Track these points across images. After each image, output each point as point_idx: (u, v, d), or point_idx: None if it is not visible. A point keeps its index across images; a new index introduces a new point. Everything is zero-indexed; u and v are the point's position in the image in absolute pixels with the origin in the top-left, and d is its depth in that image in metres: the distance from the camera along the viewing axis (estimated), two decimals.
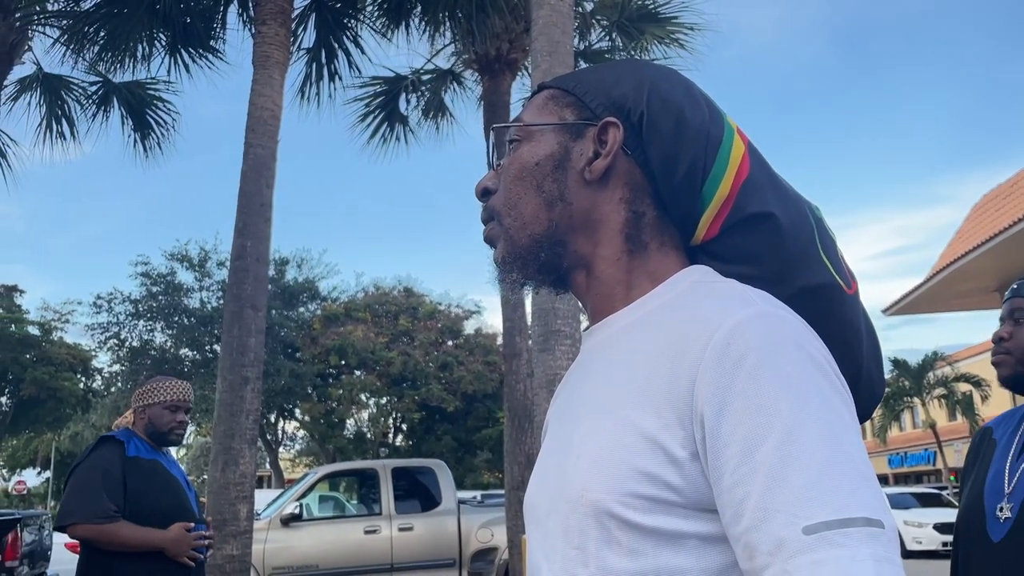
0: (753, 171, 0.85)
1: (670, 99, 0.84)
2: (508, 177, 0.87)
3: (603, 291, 0.85)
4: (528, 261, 0.85)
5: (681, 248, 0.86)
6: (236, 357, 6.27)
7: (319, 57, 8.99)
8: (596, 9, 9.75)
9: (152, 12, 8.09)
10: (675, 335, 0.74)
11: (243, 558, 6.00)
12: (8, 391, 26.59)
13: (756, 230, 0.83)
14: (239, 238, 6.55)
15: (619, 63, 0.90)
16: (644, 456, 0.70)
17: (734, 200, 0.83)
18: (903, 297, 16.22)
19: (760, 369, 0.67)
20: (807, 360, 0.68)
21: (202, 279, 23.43)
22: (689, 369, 0.70)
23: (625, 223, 0.84)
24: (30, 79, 9.26)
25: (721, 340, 0.69)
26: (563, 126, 0.86)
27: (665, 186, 0.84)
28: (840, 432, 0.66)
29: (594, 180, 0.84)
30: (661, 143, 0.83)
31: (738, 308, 0.72)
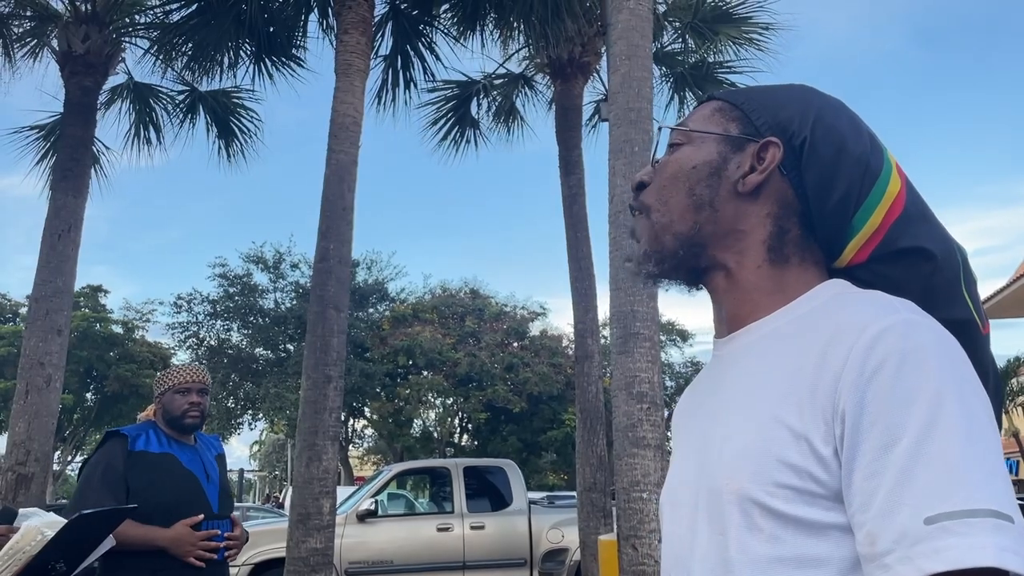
0: (908, 206, 0.87)
1: (834, 128, 0.87)
2: (663, 175, 0.92)
3: (743, 297, 0.89)
4: (667, 257, 0.90)
5: (823, 266, 0.89)
6: (320, 356, 6.46)
7: (395, 64, 9.17)
8: (669, 11, 9.72)
9: (238, 23, 8.38)
10: (821, 339, 0.77)
11: (325, 551, 6.18)
12: (93, 387, 27.73)
13: (905, 262, 0.86)
14: (322, 241, 6.75)
15: (790, 87, 0.93)
16: (790, 448, 0.74)
17: (886, 232, 0.86)
18: (986, 300, 15.69)
19: (900, 372, 0.70)
20: (947, 365, 0.71)
21: (276, 280, 24.03)
22: (833, 371, 0.74)
23: (769, 236, 0.87)
24: (121, 87, 9.67)
25: (865, 344, 0.73)
26: (726, 138, 0.90)
27: (817, 209, 0.87)
28: (974, 433, 0.69)
29: (745, 193, 0.87)
30: (819, 168, 0.86)
31: (883, 314, 0.75)
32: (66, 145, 8.14)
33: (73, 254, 7.75)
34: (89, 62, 8.26)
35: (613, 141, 5.43)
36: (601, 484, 8.22)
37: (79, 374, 25.53)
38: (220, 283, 23.87)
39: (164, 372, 3.20)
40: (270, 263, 23.90)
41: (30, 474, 6.94)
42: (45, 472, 7.20)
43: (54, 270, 7.56)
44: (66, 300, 7.66)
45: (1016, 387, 25.29)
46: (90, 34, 8.28)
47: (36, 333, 7.35)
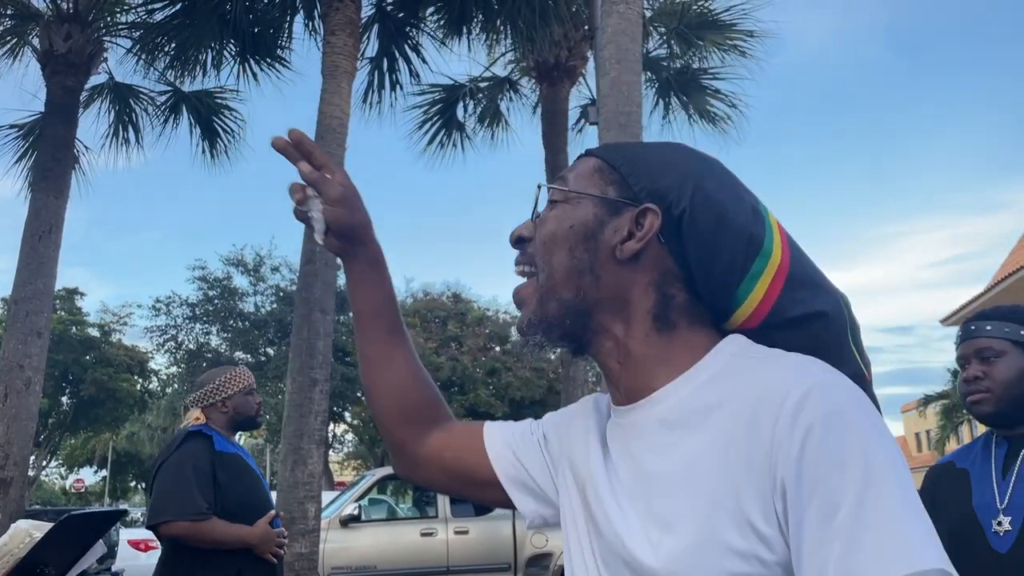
0: (792, 273, 0.86)
1: (714, 198, 0.85)
2: (543, 232, 0.89)
3: (635, 367, 0.86)
4: (553, 325, 0.87)
5: (712, 326, 0.87)
6: (305, 359, 6.42)
7: (381, 66, 9.16)
8: (655, 16, 9.77)
9: (222, 23, 8.32)
10: (744, 409, 0.76)
11: (311, 556, 6.13)
12: (69, 391, 27.37)
13: (796, 328, 0.85)
14: (308, 242, 6.71)
15: (670, 149, 0.92)
16: (733, 534, 0.73)
17: (773, 302, 0.85)
18: (963, 307, 15.87)
19: (827, 437, 0.70)
20: (867, 422, 0.72)
21: (257, 283, 23.86)
22: (764, 442, 0.73)
23: (654, 304, 0.85)
24: (101, 87, 9.58)
25: (790, 413, 0.72)
26: (604, 200, 0.87)
27: (700, 279, 0.85)
28: (906, 489, 0.69)
29: (624, 259, 0.85)
30: (699, 239, 0.84)
31: (800, 379, 0.74)
32: (47, 145, 8.04)
33: (53, 255, 7.66)
34: (71, 61, 8.17)
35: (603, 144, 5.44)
36: None
37: (55, 378, 25.19)
38: (199, 286, 23.66)
39: (226, 376, 3.16)
40: (250, 266, 23.73)
41: (9, 478, 6.83)
42: (24, 476, 7.09)
43: (34, 272, 7.46)
44: (46, 302, 7.56)
45: None
46: (72, 33, 8.20)
47: (16, 335, 7.25)
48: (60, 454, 34.59)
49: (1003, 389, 1.75)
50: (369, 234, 1.02)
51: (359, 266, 1.03)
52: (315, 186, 0.97)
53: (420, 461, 1.06)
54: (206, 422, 3.09)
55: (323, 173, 0.97)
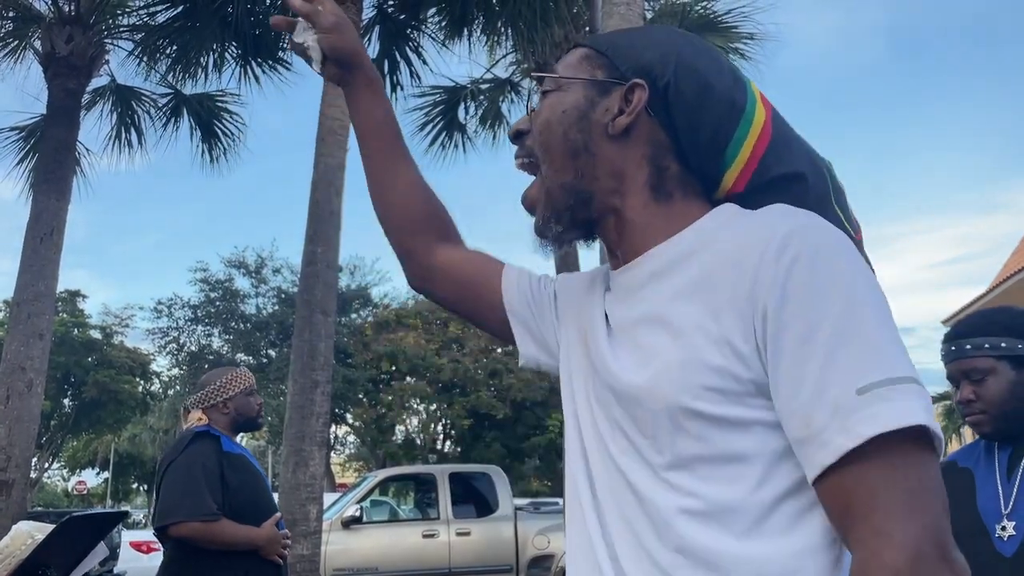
0: (775, 135, 0.90)
1: (695, 67, 0.89)
2: (539, 121, 0.94)
3: (636, 235, 0.91)
4: (561, 212, 0.92)
5: (705, 197, 0.92)
6: (306, 361, 6.42)
7: (382, 68, 9.14)
8: (656, 18, 9.77)
9: (224, 25, 8.33)
10: (731, 248, 0.80)
11: (312, 558, 6.12)
12: (71, 393, 27.40)
13: (782, 189, 0.89)
14: (309, 245, 6.71)
15: (652, 29, 0.96)
16: (712, 352, 0.77)
17: (757, 162, 0.89)
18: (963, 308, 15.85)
19: (814, 266, 0.74)
20: (852, 259, 0.76)
21: (258, 285, 23.88)
22: (749, 272, 0.77)
23: (649, 176, 0.90)
24: (103, 89, 9.58)
25: (778, 244, 0.76)
26: (593, 83, 0.92)
27: (689, 147, 0.89)
28: (885, 314, 0.74)
29: (616, 135, 0.89)
30: (685, 108, 0.88)
31: (788, 219, 0.79)
32: (49, 147, 8.05)
33: (55, 258, 7.66)
34: (72, 64, 8.18)
35: None
36: None
37: (56, 380, 25.20)
38: (201, 288, 23.69)
39: (226, 377, 3.16)
40: (252, 268, 23.74)
41: (11, 480, 6.83)
42: (26, 478, 7.10)
43: (36, 274, 7.46)
44: (48, 304, 7.57)
45: None
46: (74, 35, 8.20)
47: (17, 337, 7.25)
48: (62, 456, 34.61)
49: (997, 408, 1.74)
50: (363, 58, 1.10)
51: (358, 89, 1.11)
52: (308, 17, 1.05)
53: (431, 270, 1.11)
54: (208, 423, 3.08)
55: (315, 5, 1.05)
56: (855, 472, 0.70)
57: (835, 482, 0.71)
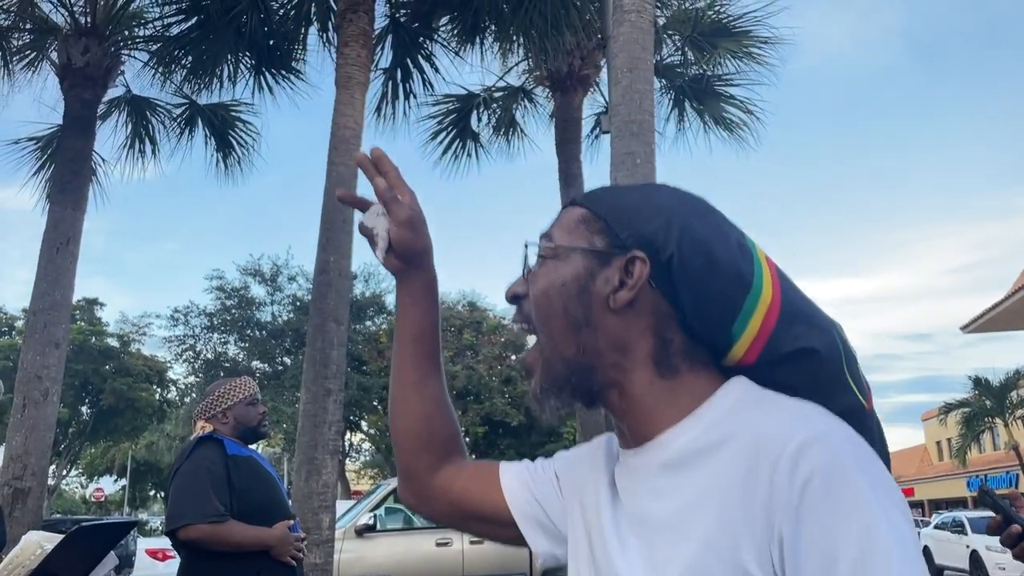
0: (784, 309, 0.86)
1: (701, 240, 0.85)
2: (536, 291, 0.90)
3: (641, 414, 0.87)
4: (562, 386, 0.88)
5: (713, 367, 0.88)
6: (319, 369, 6.43)
7: (395, 77, 9.19)
8: (668, 24, 9.76)
9: (238, 36, 8.39)
10: (741, 457, 0.77)
11: (325, 567, 6.12)
12: (88, 401, 27.62)
13: (792, 364, 0.86)
14: (322, 253, 6.73)
15: (653, 191, 0.92)
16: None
17: (767, 337, 0.86)
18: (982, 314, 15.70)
19: (828, 490, 0.71)
20: (869, 476, 0.72)
21: (274, 293, 24.01)
22: (761, 493, 0.73)
23: (653, 349, 0.86)
24: (119, 100, 9.67)
25: (790, 459, 0.72)
26: (592, 252, 0.88)
27: (694, 320, 0.86)
28: (902, 541, 0.70)
29: (618, 309, 0.85)
30: (691, 283, 0.85)
31: (799, 427, 0.75)
32: (65, 157, 8.13)
33: (71, 267, 7.73)
34: (88, 75, 8.26)
35: (615, 153, 5.43)
36: None
37: (74, 388, 25.43)
38: (217, 296, 23.86)
39: (226, 387, 3.17)
40: (267, 276, 23.89)
41: (27, 488, 6.88)
42: (42, 487, 7.14)
43: (52, 283, 7.53)
44: (64, 313, 7.63)
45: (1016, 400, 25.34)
46: (90, 47, 8.29)
47: (34, 346, 7.31)
48: (80, 463, 34.86)
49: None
50: (428, 260, 1.04)
51: (413, 289, 1.05)
52: (386, 204, 0.99)
53: (429, 491, 1.07)
54: (213, 432, 3.10)
55: (395, 193, 0.99)
56: None
57: None
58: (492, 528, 1.05)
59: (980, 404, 25.75)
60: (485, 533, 1.07)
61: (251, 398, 3.18)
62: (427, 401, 1.06)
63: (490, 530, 1.06)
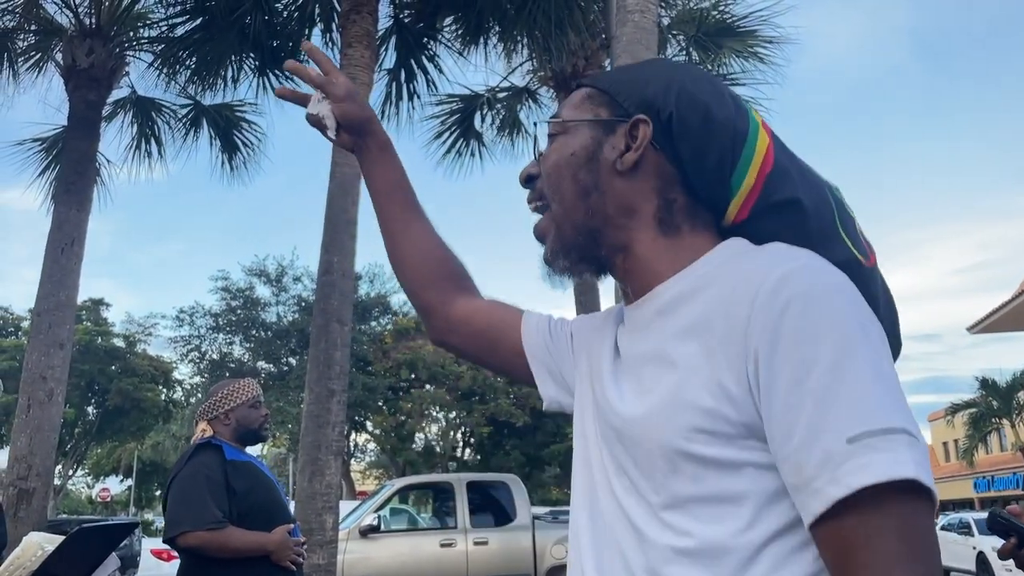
0: (778, 161, 0.91)
1: (697, 97, 0.90)
2: (547, 165, 0.96)
3: (644, 270, 0.92)
4: (571, 248, 0.94)
5: (714, 228, 0.93)
6: (323, 370, 6.43)
7: (399, 77, 9.19)
8: (673, 24, 9.74)
9: (242, 37, 8.40)
10: (727, 290, 0.81)
11: (328, 568, 6.12)
12: (94, 401, 27.71)
13: (781, 214, 0.90)
14: (326, 254, 6.73)
15: (651, 63, 0.98)
16: (703, 393, 0.78)
17: (760, 188, 0.90)
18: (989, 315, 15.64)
19: (806, 310, 0.74)
20: (848, 302, 0.76)
21: (279, 294, 24.03)
22: (741, 315, 0.77)
23: (657, 209, 0.91)
24: (124, 101, 9.70)
25: (770, 288, 0.76)
26: (597, 122, 0.94)
27: (695, 177, 0.91)
28: (881, 361, 0.73)
29: (625, 171, 0.91)
30: (689, 138, 0.90)
31: (784, 260, 0.79)
32: (69, 158, 8.14)
33: (76, 267, 7.74)
34: (93, 76, 8.28)
35: None
36: None
37: (80, 388, 25.51)
38: (222, 296, 23.90)
39: (229, 389, 3.17)
40: (272, 276, 23.91)
41: (31, 489, 6.89)
42: (46, 487, 7.15)
43: (57, 284, 7.54)
44: (68, 314, 7.64)
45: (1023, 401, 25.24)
46: (94, 48, 8.30)
47: (38, 347, 7.32)
48: (86, 463, 34.96)
49: None
50: (375, 125, 1.15)
51: (371, 153, 1.15)
52: (322, 87, 1.10)
53: (450, 322, 1.14)
54: (213, 434, 3.09)
55: (328, 77, 1.11)
56: (848, 521, 0.69)
57: (829, 530, 0.71)
58: (505, 364, 1.12)
59: (987, 405, 25.69)
60: (504, 367, 1.13)
61: (254, 400, 3.18)
62: (417, 242, 1.15)
63: (504, 365, 1.13)
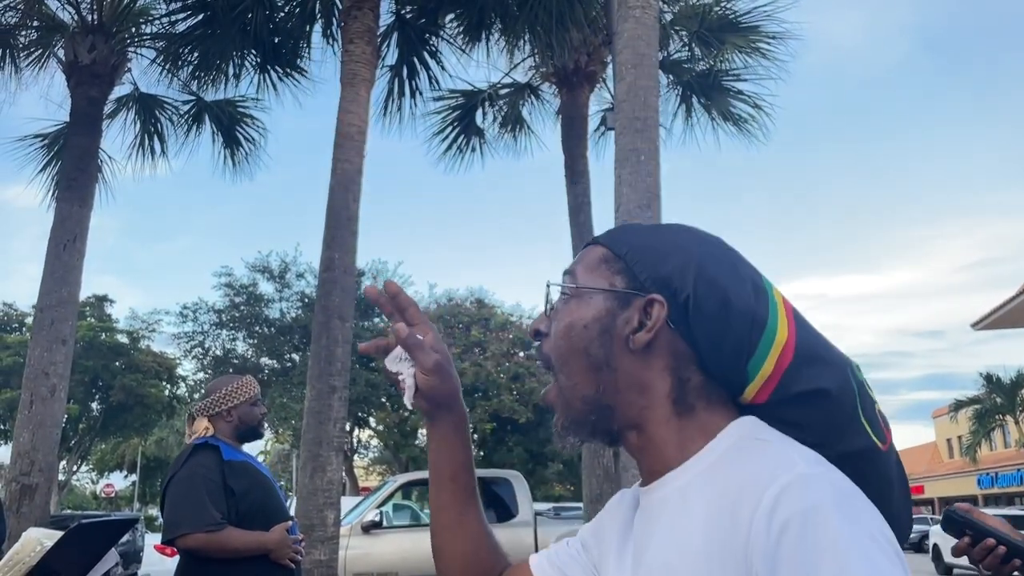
0: (799, 350, 0.89)
1: (717, 282, 0.88)
2: (558, 332, 0.93)
3: (656, 451, 0.90)
4: (582, 425, 0.91)
5: (730, 404, 0.91)
6: (324, 366, 6.43)
7: (401, 73, 9.18)
8: (675, 20, 9.72)
9: (243, 33, 8.40)
10: (726, 502, 0.79)
11: (330, 563, 6.13)
12: (98, 397, 27.77)
13: (803, 403, 0.88)
14: (327, 251, 6.73)
15: (670, 232, 0.95)
16: None
17: (779, 379, 0.88)
18: (993, 311, 15.63)
19: (803, 534, 0.72)
20: (846, 519, 0.73)
21: (282, 290, 24.05)
22: (742, 535, 0.76)
23: (671, 389, 0.89)
24: (126, 98, 9.70)
25: (766, 508, 0.74)
26: (612, 293, 0.91)
27: (710, 360, 0.89)
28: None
29: (637, 350, 0.88)
30: (706, 324, 0.88)
31: (779, 473, 0.77)
32: (71, 155, 8.15)
33: (78, 264, 7.75)
34: (95, 72, 8.28)
35: (619, 150, 5.41)
36: (608, 495, 8.15)
37: (84, 384, 25.57)
38: (226, 293, 23.91)
39: (232, 386, 3.18)
40: (276, 273, 23.93)
41: (34, 484, 6.91)
42: (49, 483, 7.17)
43: (59, 280, 7.55)
44: (71, 310, 7.65)
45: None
46: (96, 44, 8.30)
47: (41, 343, 7.34)
48: (90, 459, 35.06)
49: None
50: (457, 402, 1.05)
51: (444, 431, 1.05)
52: (410, 352, 0.99)
53: None
54: (213, 432, 3.10)
55: (416, 333, 0.99)
56: None
57: None
58: None
59: (991, 401, 25.64)
60: None
61: (254, 398, 3.20)
62: (468, 537, 1.07)
63: None
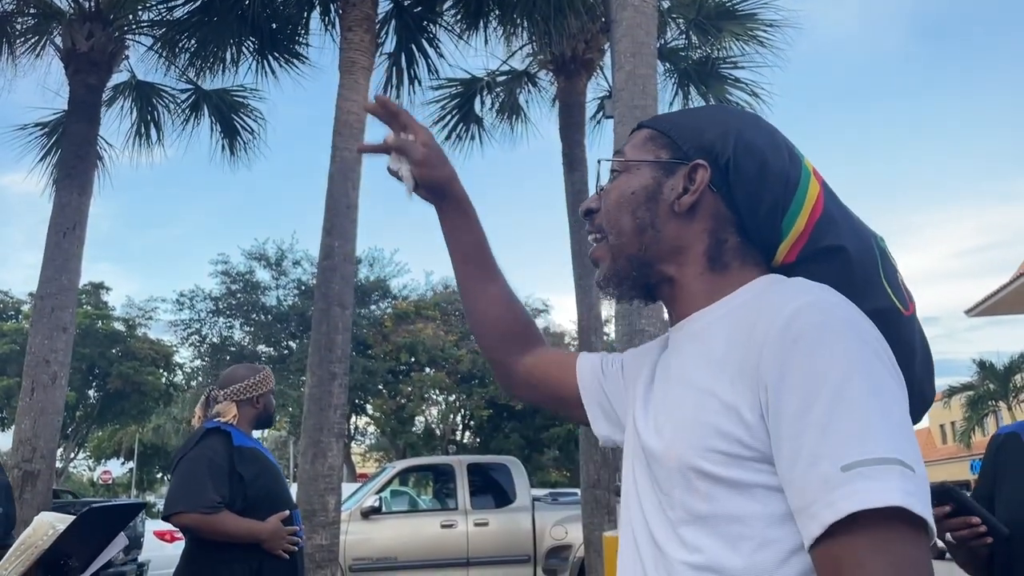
0: (827, 208, 0.97)
1: (754, 146, 0.97)
2: (608, 201, 1.03)
3: (689, 300, 0.99)
4: (623, 279, 1.02)
5: (763, 266, 0.99)
6: (324, 353, 6.48)
7: (399, 61, 9.17)
8: (673, 7, 9.71)
9: (241, 20, 8.38)
10: (748, 322, 0.87)
11: (331, 548, 6.20)
12: (95, 384, 27.74)
13: (827, 260, 0.96)
14: (327, 238, 6.76)
15: (711, 110, 1.05)
16: (721, 417, 0.85)
17: (809, 233, 0.96)
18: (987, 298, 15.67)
19: (814, 345, 0.79)
20: (856, 337, 0.80)
21: (279, 277, 24.05)
22: (757, 347, 0.84)
23: (708, 248, 0.98)
24: (124, 86, 9.67)
25: (782, 323, 0.82)
26: (658, 164, 1.00)
27: (748, 220, 0.98)
28: (883, 394, 0.78)
29: (682, 212, 0.98)
30: (745, 185, 0.97)
31: (800, 295, 0.85)
32: (70, 143, 8.14)
33: (78, 252, 7.76)
34: (93, 60, 8.26)
35: (617, 138, 5.44)
36: (605, 481, 8.23)
37: (81, 372, 25.54)
38: (222, 280, 23.91)
39: (260, 375, 3.29)
40: (272, 260, 23.92)
41: (36, 471, 6.95)
42: (51, 469, 7.21)
43: (59, 268, 7.57)
44: (71, 297, 7.67)
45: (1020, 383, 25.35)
46: (94, 31, 8.28)
47: (41, 331, 7.36)
48: (87, 446, 35.07)
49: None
50: (454, 186, 1.17)
51: (448, 214, 1.19)
52: (401, 151, 1.12)
53: (514, 376, 1.23)
54: (226, 420, 3.14)
55: (408, 134, 1.12)
56: (842, 544, 0.74)
57: (825, 552, 0.75)
58: (568, 408, 1.20)
59: (984, 387, 25.79)
60: (570, 413, 1.21)
61: (273, 388, 3.36)
62: (492, 304, 1.21)
63: (567, 410, 1.21)
